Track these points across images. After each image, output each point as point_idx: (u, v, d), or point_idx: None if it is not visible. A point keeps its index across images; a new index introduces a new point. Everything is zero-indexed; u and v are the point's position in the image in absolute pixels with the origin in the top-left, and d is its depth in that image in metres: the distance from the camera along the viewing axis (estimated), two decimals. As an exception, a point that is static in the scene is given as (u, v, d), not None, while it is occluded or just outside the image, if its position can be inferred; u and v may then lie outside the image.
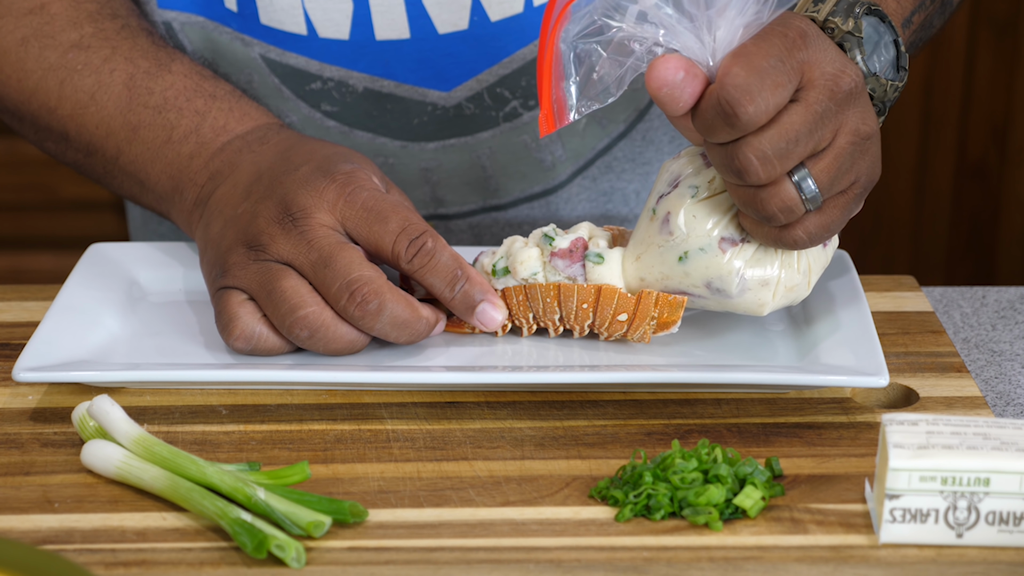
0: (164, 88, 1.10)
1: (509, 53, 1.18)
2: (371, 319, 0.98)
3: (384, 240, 1.00)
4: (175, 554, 0.85)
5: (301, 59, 1.18)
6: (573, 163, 1.24)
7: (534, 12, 1.17)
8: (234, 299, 1.00)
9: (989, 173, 2.54)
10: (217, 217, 1.04)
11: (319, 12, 1.16)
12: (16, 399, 0.99)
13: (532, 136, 1.22)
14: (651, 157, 1.26)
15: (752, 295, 0.99)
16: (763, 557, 0.84)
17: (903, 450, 0.84)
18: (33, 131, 1.16)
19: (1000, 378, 1.06)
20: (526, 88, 1.20)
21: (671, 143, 1.26)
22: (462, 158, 1.22)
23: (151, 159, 1.10)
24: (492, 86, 1.19)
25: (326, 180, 1.01)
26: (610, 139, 1.24)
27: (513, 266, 1.02)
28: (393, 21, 1.16)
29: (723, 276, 0.98)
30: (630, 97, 1.22)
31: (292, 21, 1.17)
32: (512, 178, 1.23)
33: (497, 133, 1.21)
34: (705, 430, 0.96)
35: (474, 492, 0.90)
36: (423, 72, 1.18)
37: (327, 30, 1.17)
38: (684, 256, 0.99)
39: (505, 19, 1.17)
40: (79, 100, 1.12)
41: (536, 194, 1.25)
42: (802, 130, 0.91)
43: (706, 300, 1.00)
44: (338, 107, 1.20)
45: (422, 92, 1.19)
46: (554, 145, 1.22)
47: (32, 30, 1.13)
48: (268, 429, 0.96)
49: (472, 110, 1.20)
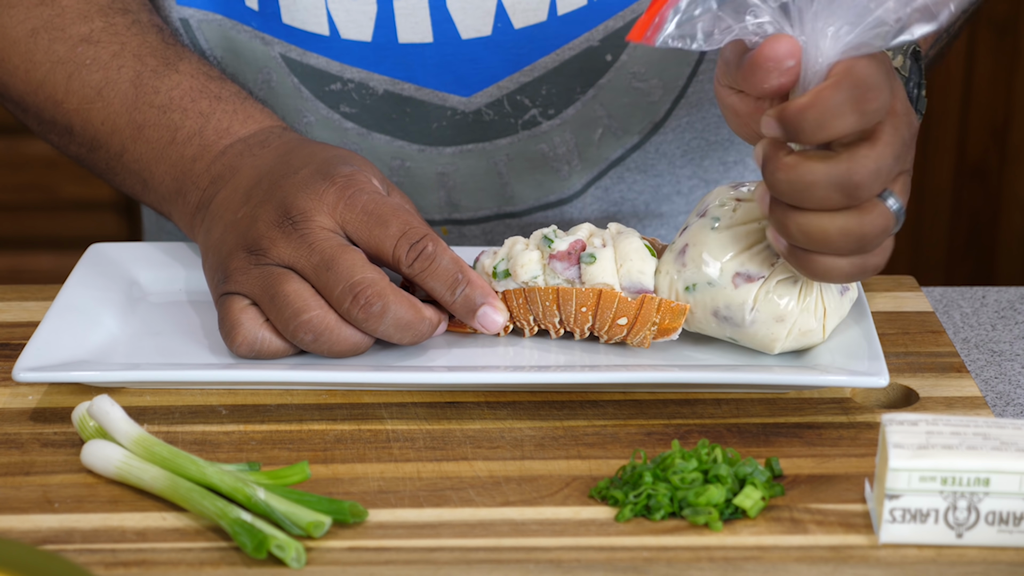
0: (170, 88, 1.10)
1: (531, 61, 1.18)
2: (375, 321, 0.98)
3: (385, 244, 1.00)
4: (175, 554, 0.85)
5: (322, 59, 1.18)
6: (587, 173, 1.24)
7: (558, 21, 1.17)
8: (236, 305, 1.00)
9: (989, 173, 2.54)
10: (218, 222, 1.04)
11: (342, 13, 1.16)
12: (16, 399, 0.99)
13: (550, 145, 1.22)
14: (662, 169, 1.26)
15: (764, 328, 0.98)
16: (763, 557, 0.84)
17: (903, 450, 0.84)
18: (37, 122, 1.16)
19: (1000, 378, 1.06)
20: (546, 96, 1.20)
21: (683, 156, 1.26)
22: (479, 164, 1.22)
23: (155, 159, 1.10)
24: (512, 93, 1.19)
25: (326, 183, 1.01)
26: (624, 150, 1.24)
27: (514, 269, 1.02)
28: (417, 24, 1.16)
29: (732, 305, 0.98)
30: (646, 109, 1.22)
31: (315, 21, 1.17)
32: (528, 186, 1.24)
33: (515, 140, 1.22)
34: (705, 430, 0.96)
35: (474, 492, 0.90)
36: (444, 76, 1.18)
37: (349, 31, 1.17)
38: (692, 287, 0.98)
39: (529, 27, 1.17)
40: (86, 95, 1.12)
41: (551, 203, 1.25)
42: (900, 149, 0.92)
43: (715, 329, 0.99)
44: (357, 109, 1.20)
45: (442, 96, 1.19)
46: (570, 155, 1.23)
47: (42, 22, 1.13)
48: (268, 429, 0.96)
49: (491, 116, 1.20)
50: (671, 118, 1.23)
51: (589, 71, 1.19)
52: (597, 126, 1.22)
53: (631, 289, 1.00)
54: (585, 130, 1.22)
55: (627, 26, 1.18)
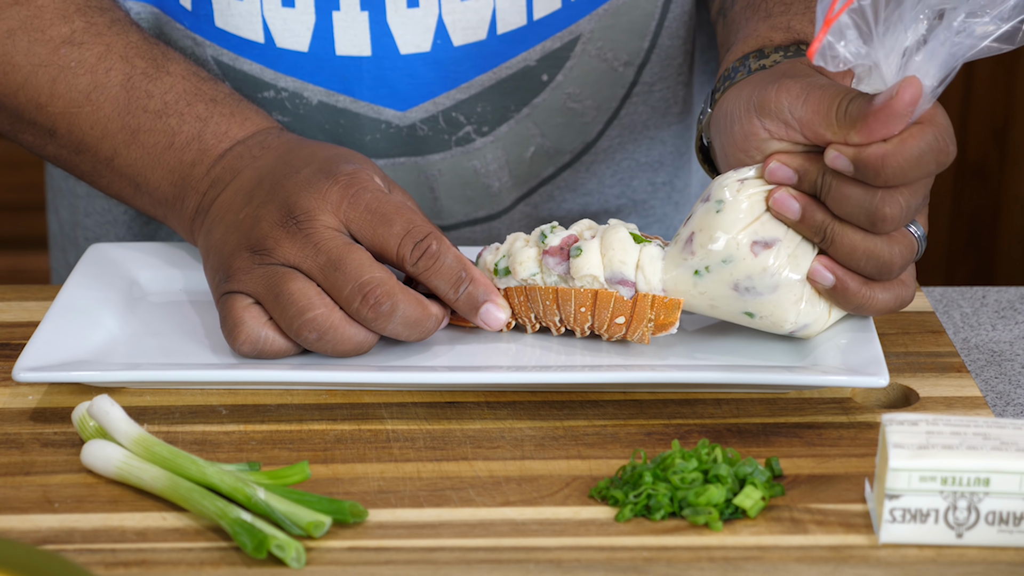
0: (164, 91, 1.10)
1: (469, 78, 1.18)
2: (384, 320, 0.98)
3: (389, 243, 1.00)
4: (175, 554, 0.85)
5: (256, 66, 1.18)
6: (518, 190, 1.24)
7: (496, 40, 1.17)
8: (239, 304, 1.00)
9: (989, 173, 2.54)
10: (219, 224, 1.04)
11: (279, 22, 1.15)
12: (16, 399, 0.99)
13: (482, 162, 1.22)
14: (592, 188, 1.26)
15: (787, 291, 0.98)
16: (763, 557, 0.84)
17: (903, 450, 0.84)
18: (9, 122, 1.14)
19: (1000, 378, 1.06)
20: (481, 114, 1.20)
21: (613, 176, 1.26)
22: (410, 178, 1.22)
23: (151, 164, 1.09)
24: (448, 110, 1.19)
25: (329, 182, 1.00)
26: (555, 168, 1.24)
27: (513, 266, 1.02)
28: (355, 38, 1.16)
29: (753, 275, 0.98)
30: (579, 129, 1.22)
31: (249, 27, 1.16)
32: (458, 202, 1.23)
33: (448, 156, 1.21)
34: (705, 430, 0.96)
35: (474, 492, 0.90)
36: (380, 90, 1.18)
37: (285, 40, 1.16)
38: (703, 271, 0.98)
39: (468, 44, 1.17)
40: (73, 99, 1.11)
41: (479, 218, 1.24)
42: (930, 186, 0.97)
43: (734, 305, 0.99)
44: (290, 118, 1.19)
45: (377, 110, 1.19)
46: (501, 172, 1.22)
47: (19, 22, 1.11)
48: (268, 429, 0.96)
49: (425, 132, 1.20)
50: (603, 139, 1.24)
51: (525, 90, 1.20)
52: (530, 144, 1.22)
53: (613, 280, 1.00)
54: (517, 148, 1.22)
55: (564, 47, 1.18)
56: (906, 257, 0.97)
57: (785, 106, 0.96)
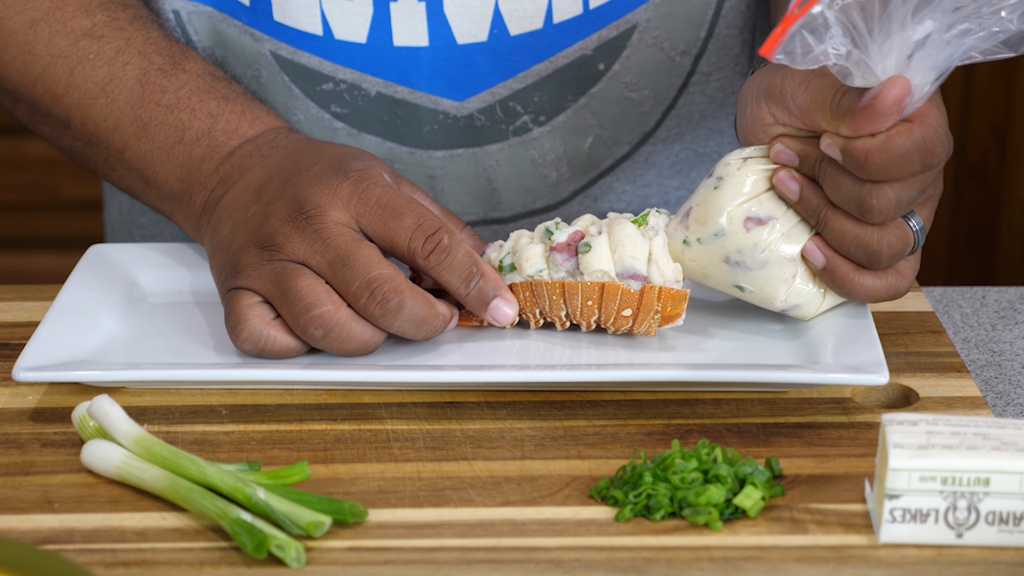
0: (177, 87, 1.10)
1: (525, 68, 1.18)
2: (391, 317, 0.98)
3: (400, 237, 1.00)
4: (175, 554, 0.85)
5: (314, 59, 1.18)
6: (576, 181, 1.24)
7: (553, 29, 1.17)
8: (244, 301, 1.00)
9: (989, 173, 2.54)
10: (226, 221, 1.04)
11: (337, 13, 1.16)
12: (16, 399, 0.99)
13: (540, 152, 1.22)
14: (651, 180, 1.26)
15: (776, 270, 0.99)
16: (763, 557, 0.84)
17: (903, 450, 0.84)
18: (28, 113, 1.15)
19: (1000, 378, 1.06)
20: (538, 104, 1.20)
21: (672, 167, 1.26)
22: (468, 169, 1.22)
23: (160, 158, 1.10)
24: (505, 99, 1.19)
25: (339, 178, 1.01)
26: (614, 160, 1.24)
27: (519, 263, 1.02)
28: (413, 28, 1.16)
29: (743, 249, 0.99)
30: (636, 119, 1.22)
31: (308, 20, 1.17)
32: (516, 192, 1.24)
33: (505, 147, 1.21)
34: (705, 430, 0.96)
35: (474, 492, 0.90)
36: (438, 81, 1.18)
37: (344, 32, 1.17)
38: (693, 241, 1.00)
39: (524, 33, 1.17)
40: (88, 90, 1.11)
41: (538, 210, 1.25)
42: (927, 182, 0.98)
43: (724, 276, 1.00)
44: (348, 109, 1.20)
45: (435, 100, 1.19)
46: (559, 162, 1.23)
47: (42, 13, 1.12)
48: (268, 429, 0.96)
49: (483, 122, 1.20)
50: (661, 129, 1.24)
51: (581, 79, 1.20)
52: (587, 134, 1.22)
53: (625, 275, 1.00)
54: (575, 138, 1.22)
55: (620, 36, 1.18)
56: (896, 248, 0.98)
57: (788, 93, 0.98)
